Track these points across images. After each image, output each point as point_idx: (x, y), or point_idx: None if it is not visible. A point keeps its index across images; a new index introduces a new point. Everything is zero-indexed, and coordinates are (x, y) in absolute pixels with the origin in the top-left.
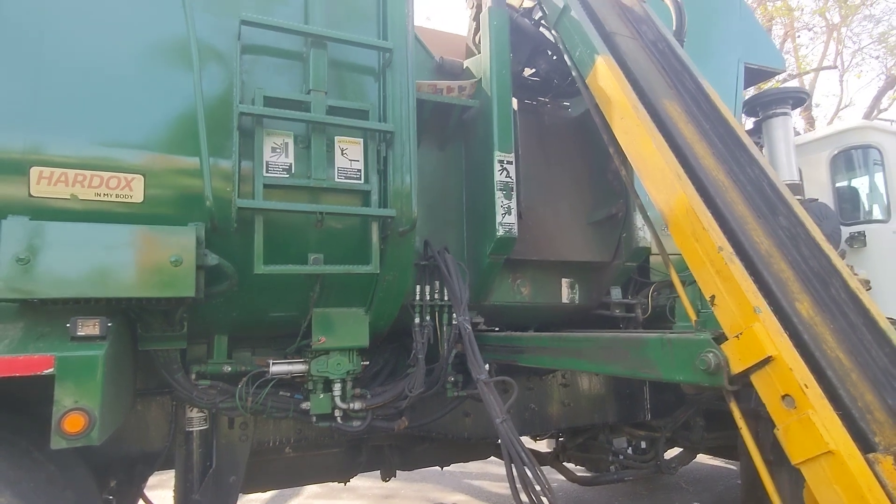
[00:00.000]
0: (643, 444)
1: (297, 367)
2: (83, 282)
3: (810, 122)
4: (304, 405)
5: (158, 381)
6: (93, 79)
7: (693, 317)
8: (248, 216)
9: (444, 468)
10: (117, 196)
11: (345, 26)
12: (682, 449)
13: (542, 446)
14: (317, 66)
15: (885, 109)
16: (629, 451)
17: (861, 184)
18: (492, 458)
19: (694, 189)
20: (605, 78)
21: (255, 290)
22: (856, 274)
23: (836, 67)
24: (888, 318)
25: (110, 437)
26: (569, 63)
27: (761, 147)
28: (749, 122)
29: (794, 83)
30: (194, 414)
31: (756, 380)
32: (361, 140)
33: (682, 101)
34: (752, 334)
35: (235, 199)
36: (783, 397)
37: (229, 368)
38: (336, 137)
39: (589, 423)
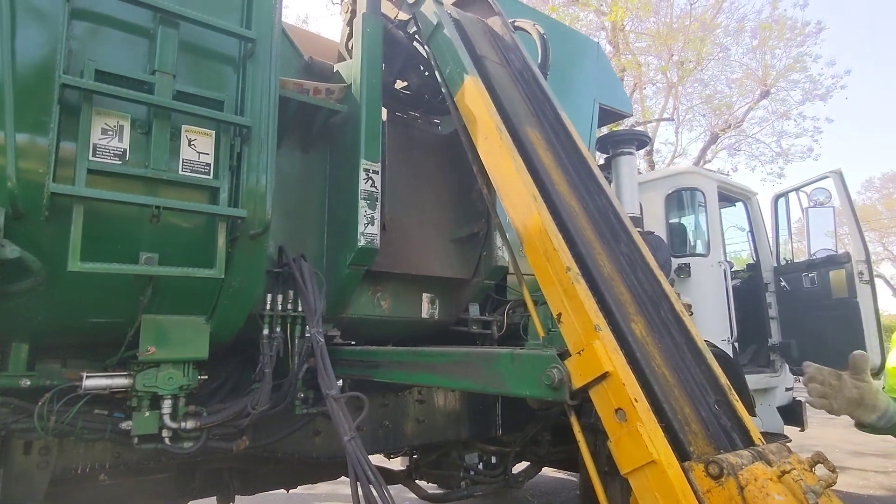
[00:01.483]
0: (493, 460)
1: (119, 382)
2: None
3: (651, 166)
4: (125, 425)
5: None
6: None
7: (541, 333)
8: (64, 204)
9: (290, 490)
10: None
11: (204, 7)
12: (529, 463)
13: (396, 464)
14: (164, 45)
15: (710, 160)
16: (480, 466)
17: (688, 221)
18: (342, 477)
19: (548, 211)
20: (472, 98)
21: (68, 290)
22: (681, 300)
23: (672, 120)
24: (705, 340)
25: None
26: (439, 80)
27: (610, 181)
28: (600, 159)
29: (640, 129)
30: None
31: (594, 394)
32: (214, 132)
33: (542, 128)
34: (592, 351)
35: (49, 183)
36: (616, 411)
37: (28, 382)
38: (183, 126)
39: (443, 440)
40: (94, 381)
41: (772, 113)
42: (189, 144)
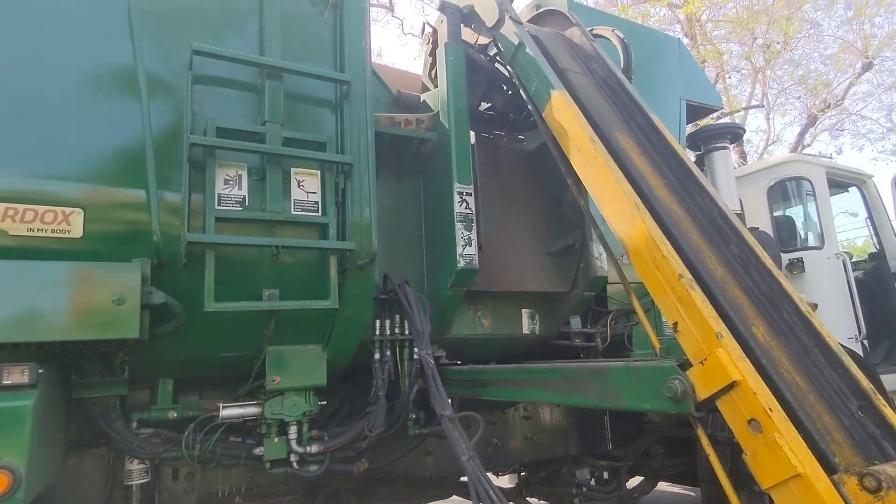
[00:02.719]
0: (605, 475)
1: (250, 410)
2: (10, 325)
3: (743, 157)
4: (257, 451)
5: (95, 432)
6: (27, 106)
7: (656, 344)
8: (198, 251)
9: None
10: (53, 231)
11: (302, 58)
12: (643, 478)
13: (505, 481)
14: (272, 97)
15: (809, 145)
16: (592, 482)
17: (796, 213)
18: (454, 496)
19: (652, 218)
20: (562, 112)
21: (204, 329)
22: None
23: (762, 106)
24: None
25: (38, 497)
26: (525, 98)
27: None
28: (692, 156)
29: (726, 120)
30: (134, 466)
31: (722, 405)
32: (318, 172)
33: (633, 134)
34: (716, 360)
35: (185, 234)
36: (749, 422)
37: (175, 414)
38: (292, 169)
39: (552, 456)
40: (229, 411)
41: (877, 86)
42: (298, 186)
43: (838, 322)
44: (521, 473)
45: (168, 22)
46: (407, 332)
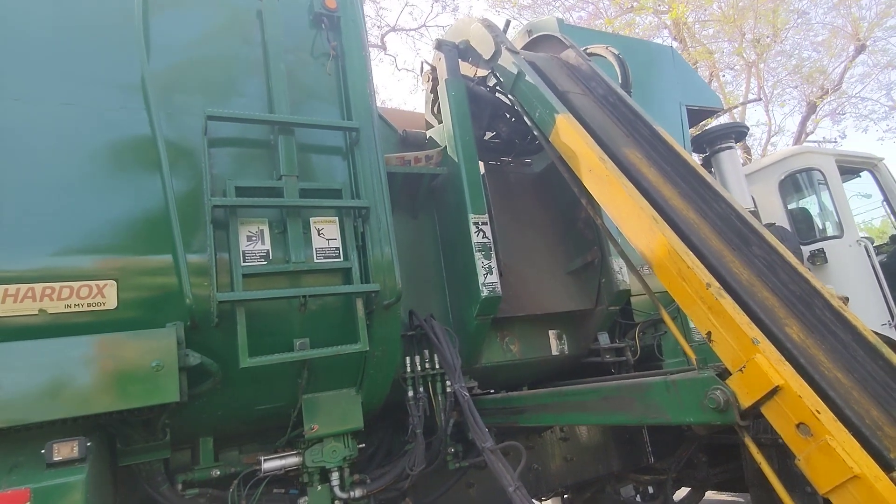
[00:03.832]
0: (650, 489)
1: (291, 461)
2: (55, 401)
3: (747, 152)
4: (301, 501)
5: (142, 497)
6: (54, 188)
7: (691, 354)
8: (228, 309)
9: None
10: (89, 305)
11: (309, 111)
12: (689, 489)
13: None
14: (286, 151)
15: (812, 132)
16: (637, 498)
17: (811, 204)
18: None
19: (671, 230)
20: (568, 134)
21: (239, 384)
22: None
23: (760, 100)
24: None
25: None
26: (529, 124)
27: None
28: (697, 159)
29: (725, 117)
30: None
31: (767, 411)
32: (337, 218)
33: (640, 147)
34: (756, 366)
35: (214, 294)
36: (798, 426)
37: (218, 472)
38: (311, 219)
39: (594, 476)
40: (271, 463)
41: (873, 67)
42: (319, 234)
43: (869, 309)
44: (565, 496)
45: (180, 92)
46: (438, 366)
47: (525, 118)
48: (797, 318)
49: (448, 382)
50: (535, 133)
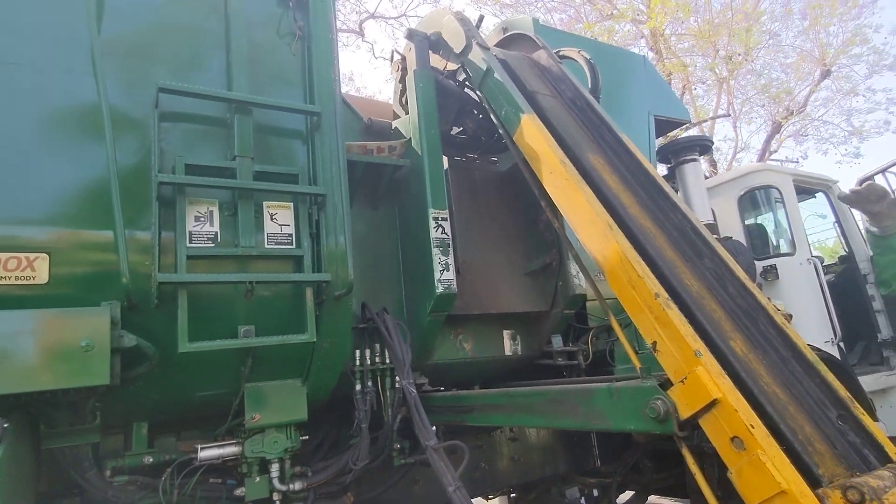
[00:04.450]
0: (595, 493)
1: (230, 450)
2: None
3: (713, 165)
4: (239, 491)
5: (68, 482)
6: None
7: (637, 363)
8: (170, 291)
9: None
10: (17, 278)
11: (271, 91)
12: (633, 493)
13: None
14: (242, 131)
15: (776, 151)
16: (582, 500)
17: (767, 221)
18: None
19: (625, 238)
20: (532, 135)
21: (179, 369)
22: (776, 307)
23: (728, 115)
24: (808, 346)
25: None
26: (495, 121)
27: (676, 191)
28: (663, 169)
29: (694, 131)
30: None
31: (704, 423)
32: (292, 204)
33: (604, 153)
34: (696, 378)
35: (156, 274)
36: (732, 439)
37: (151, 459)
38: (265, 203)
39: (540, 476)
40: (208, 452)
41: (836, 92)
42: (271, 219)
43: (814, 326)
44: (511, 495)
45: (132, 60)
46: (388, 361)
47: (491, 115)
48: (742, 332)
49: (397, 378)
50: (501, 131)
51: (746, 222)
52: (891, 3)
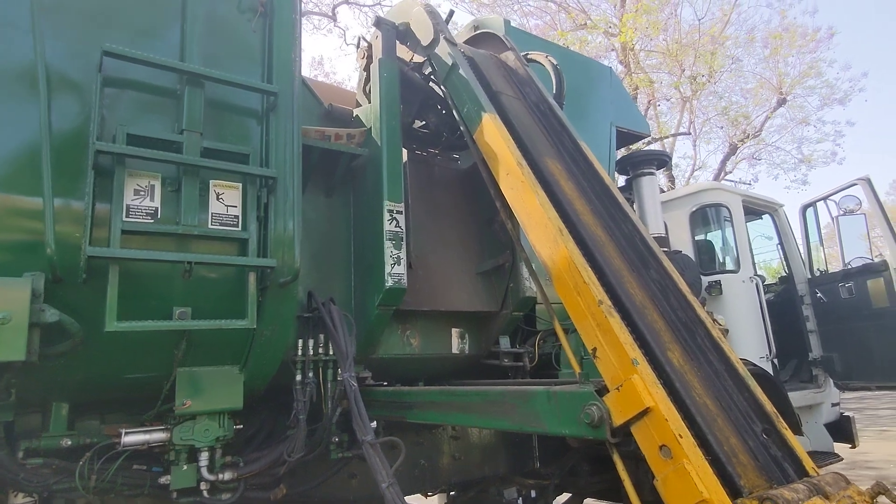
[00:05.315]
0: (533, 493)
1: (157, 436)
2: None
3: (671, 181)
4: (164, 479)
5: None
6: None
7: (577, 368)
8: (100, 266)
9: None
10: None
11: (227, 66)
12: (570, 495)
13: (434, 502)
14: (191, 104)
15: (730, 172)
16: (520, 501)
17: (715, 238)
18: None
19: (575, 244)
20: (492, 135)
21: (107, 349)
22: (716, 321)
23: (689, 134)
24: (742, 360)
25: None
26: (457, 118)
27: (632, 203)
28: (621, 180)
29: (656, 146)
30: (20, 500)
31: (636, 431)
32: (240, 185)
33: (562, 159)
34: (631, 386)
35: (86, 247)
36: (660, 447)
37: (70, 442)
38: (211, 181)
39: (480, 476)
40: (132, 437)
41: (790, 120)
42: (217, 198)
43: (751, 342)
44: (450, 493)
45: (77, 19)
46: (331, 352)
47: (454, 111)
48: (680, 344)
49: (339, 370)
50: (462, 129)
51: (696, 238)
52: (845, 40)
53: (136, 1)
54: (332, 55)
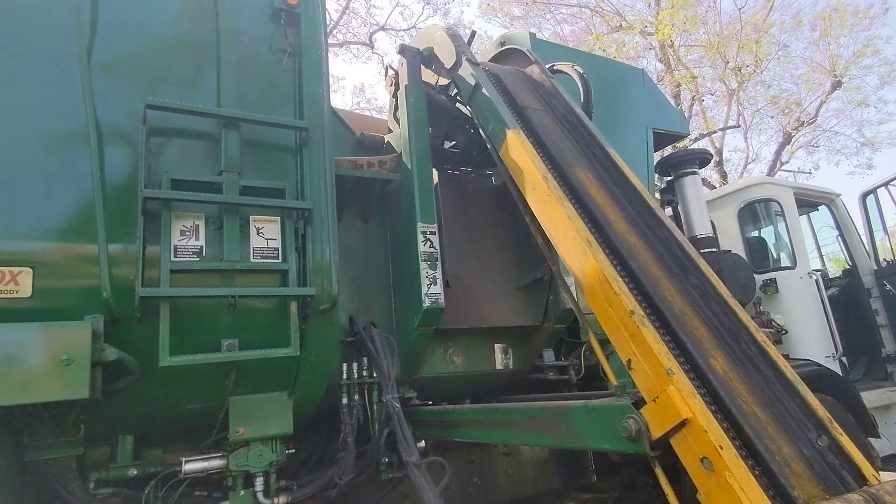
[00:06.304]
0: None
1: (215, 463)
2: None
3: (724, 176)
4: None
5: (52, 494)
6: None
7: (613, 380)
8: (153, 304)
9: None
10: (1, 292)
11: (261, 106)
12: None
13: None
14: (228, 146)
15: (787, 162)
16: None
17: (767, 234)
18: None
19: (604, 254)
20: (516, 150)
21: (163, 382)
22: (773, 321)
23: (739, 126)
24: (806, 360)
25: None
26: (483, 136)
27: (676, 204)
28: (663, 182)
29: (705, 141)
30: None
31: (675, 443)
32: (279, 218)
33: (593, 168)
34: (667, 397)
35: (139, 288)
36: (702, 460)
37: (136, 472)
38: (251, 217)
39: (534, 492)
40: (192, 465)
41: (847, 103)
42: (258, 233)
43: (815, 341)
44: None
45: (122, 76)
46: (375, 375)
47: (480, 130)
48: (724, 350)
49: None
50: (489, 146)
51: (747, 235)
52: None
53: (175, 54)
54: (372, 81)
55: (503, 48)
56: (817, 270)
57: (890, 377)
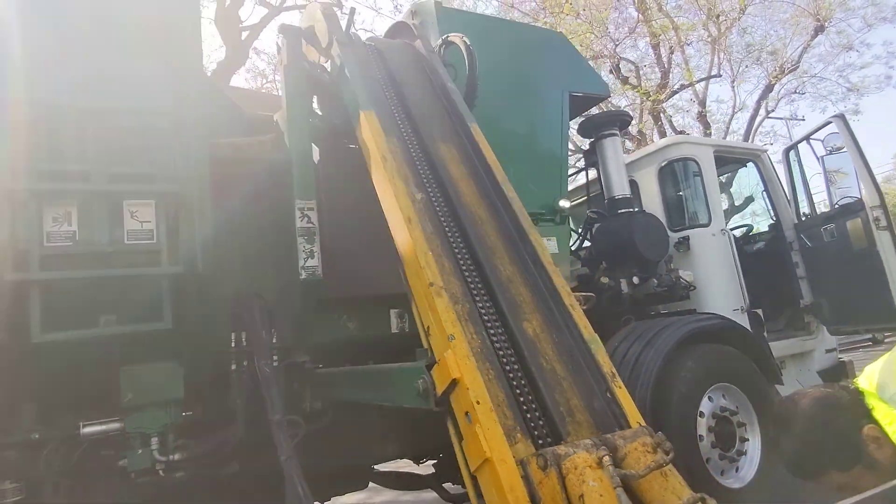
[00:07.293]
0: None
1: (113, 426)
2: None
3: (707, 126)
4: (122, 461)
5: None
6: None
7: (425, 343)
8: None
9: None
10: None
11: (132, 91)
12: None
13: (428, 468)
14: (97, 134)
15: (773, 110)
16: None
17: (688, 193)
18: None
19: (422, 231)
20: (366, 129)
21: (47, 357)
22: (682, 277)
23: (720, 76)
24: (713, 314)
25: None
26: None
27: (597, 165)
28: (585, 144)
29: (688, 91)
30: (6, 485)
31: (452, 400)
32: (153, 201)
33: (458, 143)
34: (444, 360)
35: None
36: (465, 414)
37: (37, 436)
38: (125, 201)
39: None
40: (90, 429)
41: (832, 48)
42: (132, 216)
43: (724, 295)
44: (441, 456)
45: None
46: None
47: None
48: (541, 314)
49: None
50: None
51: (668, 195)
52: None
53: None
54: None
55: (394, 23)
56: (745, 225)
57: (806, 327)
